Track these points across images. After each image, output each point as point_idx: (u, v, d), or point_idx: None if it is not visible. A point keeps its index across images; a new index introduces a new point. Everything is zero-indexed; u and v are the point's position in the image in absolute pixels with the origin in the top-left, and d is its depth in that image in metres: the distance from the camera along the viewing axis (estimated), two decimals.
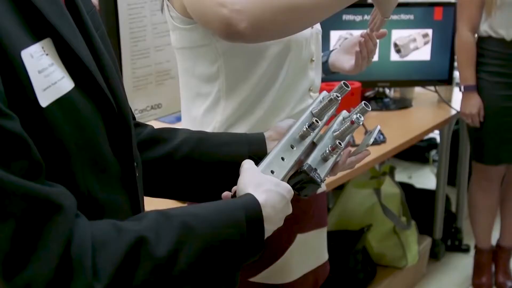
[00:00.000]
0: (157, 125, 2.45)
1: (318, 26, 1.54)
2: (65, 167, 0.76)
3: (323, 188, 1.62)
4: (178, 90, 1.54)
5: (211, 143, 1.13)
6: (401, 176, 4.14)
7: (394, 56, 3.02)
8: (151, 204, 1.15)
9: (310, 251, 1.59)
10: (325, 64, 1.74)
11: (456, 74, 3.03)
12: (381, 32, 1.65)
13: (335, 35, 2.89)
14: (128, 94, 1.62)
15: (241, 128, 1.41)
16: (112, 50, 0.97)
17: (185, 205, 1.57)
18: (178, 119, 2.59)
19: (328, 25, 2.85)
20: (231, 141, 1.13)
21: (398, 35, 2.99)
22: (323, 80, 1.59)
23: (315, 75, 1.52)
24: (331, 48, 2.82)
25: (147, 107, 2.22)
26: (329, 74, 1.78)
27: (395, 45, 3.00)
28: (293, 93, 1.46)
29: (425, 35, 2.99)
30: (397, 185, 3.08)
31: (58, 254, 0.70)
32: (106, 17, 2.08)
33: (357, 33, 1.71)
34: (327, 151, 1.10)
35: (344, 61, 1.72)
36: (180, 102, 1.54)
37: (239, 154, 1.09)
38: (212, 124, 1.43)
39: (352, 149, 1.23)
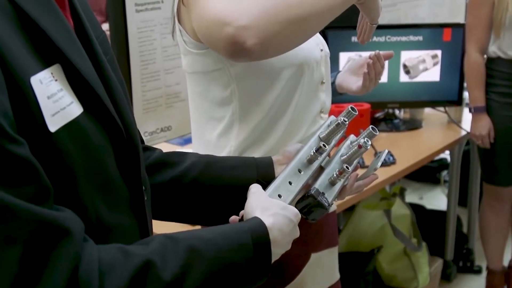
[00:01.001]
0: (166, 147, 2.48)
1: (326, 49, 1.55)
2: (73, 191, 0.77)
3: (333, 207, 1.62)
4: (188, 112, 1.54)
5: (219, 167, 1.14)
6: (412, 197, 4.12)
7: (403, 77, 3.02)
8: (159, 227, 1.16)
9: (323, 270, 1.59)
10: (332, 85, 1.74)
11: (466, 95, 3.03)
12: (388, 53, 1.66)
13: (345, 57, 2.90)
14: (138, 116, 1.64)
15: (257, 152, 1.41)
16: (120, 74, 0.98)
17: (193, 228, 1.57)
18: (188, 141, 2.61)
19: (338, 47, 2.87)
20: (239, 165, 1.14)
21: (407, 56, 2.99)
22: (332, 102, 1.59)
23: (326, 97, 1.53)
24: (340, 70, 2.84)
25: (157, 129, 2.23)
26: (336, 95, 1.78)
27: (404, 66, 3.00)
28: (306, 115, 1.47)
29: (434, 56, 3.00)
30: (408, 206, 3.07)
31: (66, 278, 0.70)
32: (116, 40, 2.11)
33: (366, 54, 1.71)
34: (335, 175, 1.10)
35: (351, 82, 1.73)
36: (189, 124, 1.55)
37: (247, 178, 1.10)
38: (226, 148, 1.43)
39: (361, 173, 1.23)
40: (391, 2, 3.34)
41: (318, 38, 1.52)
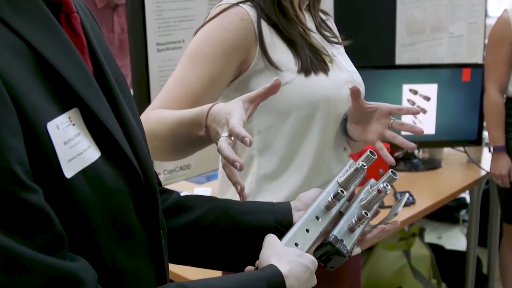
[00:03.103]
0: (185, 185, 2.49)
1: (360, 88, 1.51)
2: (90, 236, 0.77)
3: (357, 250, 1.61)
4: (207, 150, 1.56)
5: (237, 211, 1.13)
6: (430, 236, 4.08)
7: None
8: (176, 271, 1.15)
9: None
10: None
11: (485, 134, 3.01)
12: (409, 145, 1.41)
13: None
14: None
15: (279, 190, 1.43)
16: (139, 117, 0.98)
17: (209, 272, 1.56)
18: (208, 179, 2.61)
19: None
20: (257, 210, 1.13)
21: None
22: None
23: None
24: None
25: (176, 167, 2.24)
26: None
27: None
28: (330, 152, 1.48)
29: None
30: (427, 247, 3.04)
31: None
32: (137, 79, 2.13)
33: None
34: (354, 221, 1.09)
35: (360, 133, 1.50)
36: (208, 163, 1.57)
37: (265, 224, 1.09)
38: (246, 182, 1.45)
39: (386, 226, 1.20)
40: (409, 41, 3.36)
41: (350, 76, 1.52)
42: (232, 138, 1.04)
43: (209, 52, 1.38)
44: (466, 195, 4.09)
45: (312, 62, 1.43)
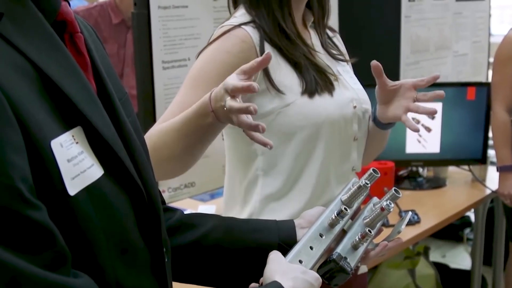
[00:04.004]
0: (190, 203, 2.49)
1: (365, 105, 1.54)
2: (92, 254, 0.77)
3: (363, 269, 1.60)
4: (211, 168, 1.57)
5: (241, 230, 1.13)
6: (434, 254, 4.06)
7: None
8: None
9: None
10: (375, 121, 1.58)
11: (490, 153, 3.01)
12: (431, 110, 1.52)
13: None
14: None
15: (283, 210, 1.43)
16: (142, 135, 0.99)
17: None
18: (212, 196, 2.61)
19: None
20: (260, 228, 1.13)
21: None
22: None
23: (358, 154, 1.54)
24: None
25: (180, 185, 2.24)
26: (384, 128, 1.59)
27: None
28: (335, 172, 1.48)
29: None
30: (432, 266, 3.02)
31: None
32: (143, 96, 2.14)
33: (430, 105, 1.54)
34: (357, 239, 1.10)
35: (391, 111, 1.51)
36: (213, 180, 1.58)
37: (268, 242, 1.09)
38: (251, 202, 1.46)
39: (385, 232, 1.21)
40: (414, 60, 3.37)
41: (355, 94, 1.53)
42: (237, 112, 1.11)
43: (211, 75, 1.38)
44: (470, 214, 4.07)
45: (317, 82, 1.44)
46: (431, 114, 1.49)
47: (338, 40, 1.65)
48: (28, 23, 0.76)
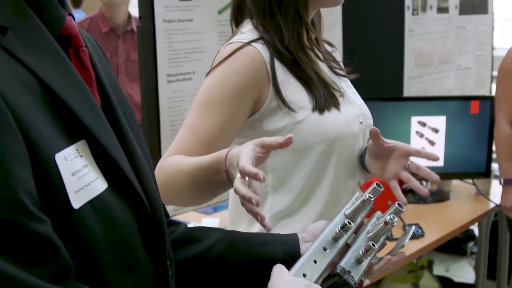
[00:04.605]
0: (194, 215, 2.49)
1: (369, 121, 1.54)
2: (96, 267, 0.77)
3: (366, 282, 1.60)
4: None
5: (244, 243, 1.13)
6: (438, 268, 4.04)
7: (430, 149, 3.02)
8: None
9: None
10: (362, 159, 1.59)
11: (494, 166, 3.01)
12: (423, 191, 1.49)
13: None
14: None
15: (294, 225, 1.42)
16: (146, 149, 0.99)
17: None
18: (215, 209, 2.62)
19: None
20: (265, 242, 1.13)
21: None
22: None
23: (361, 169, 1.54)
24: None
25: None
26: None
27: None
28: (344, 188, 1.48)
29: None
30: (436, 280, 3.01)
31: None
32: (147, 109, 2.15)
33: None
34: (361, 253, 1.09)
35: (378, 169, 1.52)
36: None
37: (272, 256, 1.09)
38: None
39: (389, 246, 1.21)
40: (417, 73, 3.38)
41: (360, 110, 1.53)
42: (246, 178, 1.05)
43: (221, 98, 1.37)
44: (474, 227, 4.06)
45: (326, 98, 1.43)
46: (423, 194, 1.47)
47: (337, 55, 1.65)
48: (33, 37, 0.76)
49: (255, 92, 1.39)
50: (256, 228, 1.46)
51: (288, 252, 1.10)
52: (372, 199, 1.12)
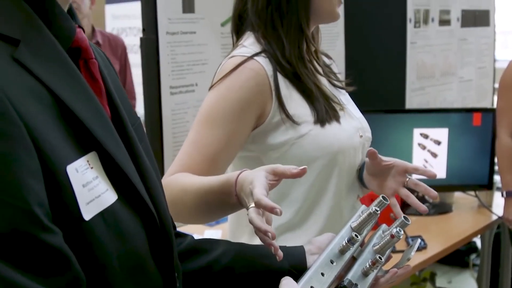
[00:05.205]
0: (196, 227, 2.49)
1: (368, 134, 1.54)
2: (105, 278, 0.77)
3: None
4: None
5: (251, 255, 1.13)
6: (440, 280, 4.03)
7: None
8: None
9: None
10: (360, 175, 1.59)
11: (496, 179, 3.00)
12: (421, 208, 1.47)
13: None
14: None
15: (297, 239, 1.41)
16: (154, 161, 0.99)
17: None
18: (218, 221, 2.61)
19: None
20: (270, 254, 1.13)
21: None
22: None
23: (358, 182, 1.54)
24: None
25: None
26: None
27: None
28: (346, 201, 1.48)
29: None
30: None
31: None
32: (150, 121, 2.15)
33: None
34: (368, 266, 1.10)
35: (376, 186, 1.51)
36: None
37: (279, 267, 1.09)
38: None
39: (398, 270, 1.20)
40: (419, 86, 3.38)
41: (360, 123, 1.53)
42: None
43: (224, 113, 1.36)
44: (476, 239, 4.05)
45: (327, 111, 1.44)
46: (421, 211, 1.45)
47: (334, 68, 1.66)
48: (44, 50, 0.77)
49: (259, 106, 1.39)
50: (257, 240, 1.45)
51: (294, 264, 1.10)
52: (379, 212, 1.12)
